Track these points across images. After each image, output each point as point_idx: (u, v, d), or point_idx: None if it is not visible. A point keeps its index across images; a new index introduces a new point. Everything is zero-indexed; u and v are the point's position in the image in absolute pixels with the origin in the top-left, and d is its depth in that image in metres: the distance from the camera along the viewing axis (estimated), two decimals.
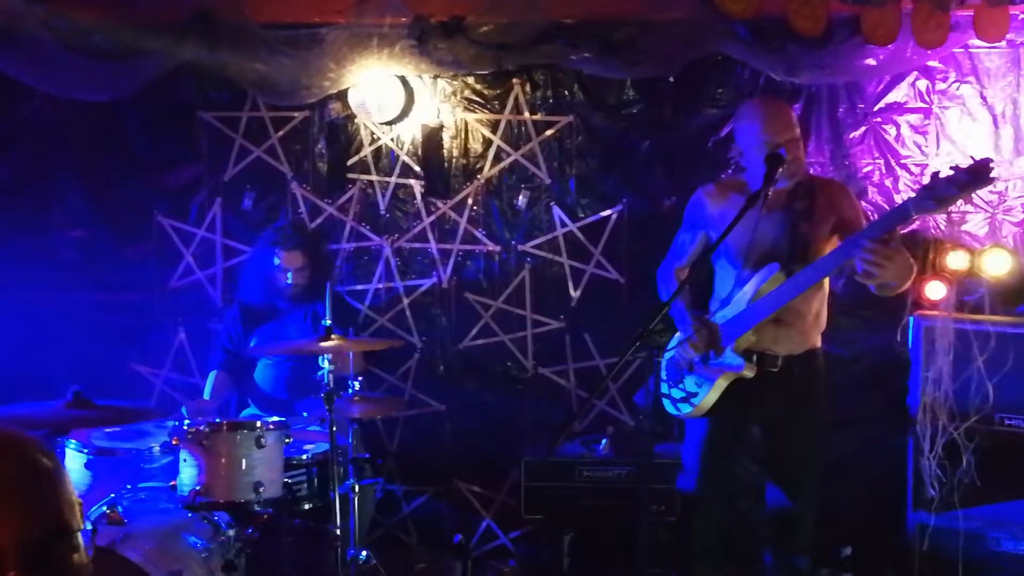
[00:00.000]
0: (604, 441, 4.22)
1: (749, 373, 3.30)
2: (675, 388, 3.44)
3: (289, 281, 4.17)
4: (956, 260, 3.98)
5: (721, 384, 3.35)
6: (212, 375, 4.32)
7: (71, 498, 1.47)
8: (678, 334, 3.46)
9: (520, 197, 4.58)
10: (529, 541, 4.51)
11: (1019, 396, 3.77)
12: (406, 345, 4.60)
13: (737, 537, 3.66)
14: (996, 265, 3.91)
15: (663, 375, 3.52)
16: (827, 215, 3.30)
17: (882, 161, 4.35)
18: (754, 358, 3.30)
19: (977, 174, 2.80)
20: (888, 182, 4.35)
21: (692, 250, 3.52)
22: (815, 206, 3.29)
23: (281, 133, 4.65)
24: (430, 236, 4.64)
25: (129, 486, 3.45)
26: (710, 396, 3.37)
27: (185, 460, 3.34)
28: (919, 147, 4.32)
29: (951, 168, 2.86)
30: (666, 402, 3.50)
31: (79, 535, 1.46)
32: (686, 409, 3.43)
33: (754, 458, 3.70)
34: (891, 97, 4.32)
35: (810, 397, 3.43)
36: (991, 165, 2.82)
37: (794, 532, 3.49)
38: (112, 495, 3.36)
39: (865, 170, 4.35)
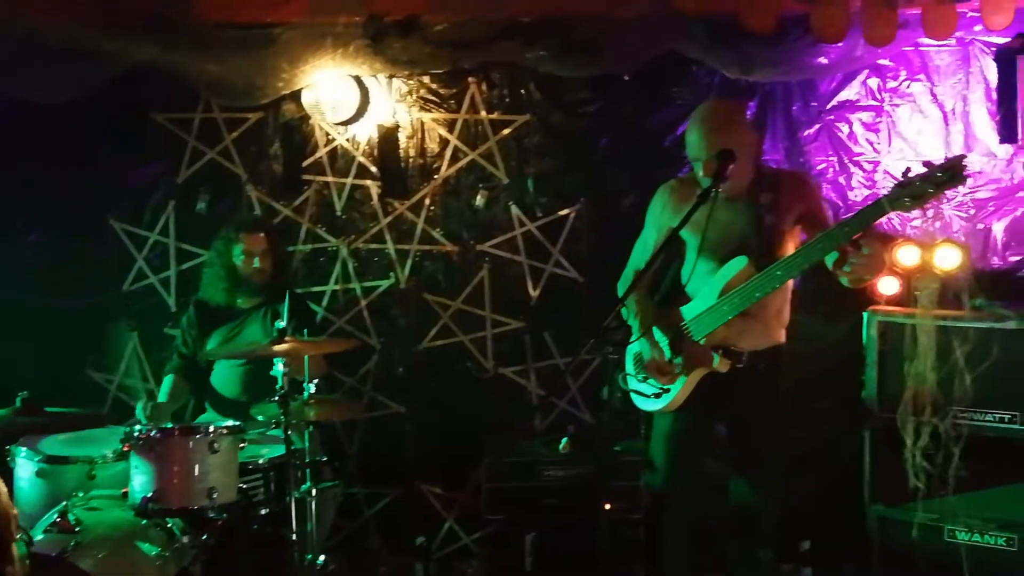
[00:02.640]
0: (565, 440, 4.22)
1: (722, 368, 3.31)
2: (645, 384, 3.44)
3: (256, 265, 4.11)
4: (907, 255, 4.02)
5: (694, 379, 3.37)
6: (167, 379, 4.27)
7: (5, 510, 1.46)
8: (636, 333, 3.46)
9: (478, 197, 4.57)
10: (491, 542, 4.48)
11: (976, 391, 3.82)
12: (365, 347, 4.57)
13: (702, 532, 3.67)
14: (946, 260, 3.96)
15: (630, 370, 3.52)
16: (792, 207, 3.32)
17: (836, 158, 4.40)
18: (721, 352, 3.31)
19: (952, 171, 2.81)
20: (842, 179, 4.39)
21: (657, 248, 3.47)
22: (780, 198, 3.30)
23: (235, 135, 4.61)
24: (387, 237, 4.61)
25: (80, 494, 3.40)
26: (683, 391, 3.39)
27: (136, 467, 3.30)
28: (871, 144, 4.37)
29: (924, 165, 2.86)
30: (636, 398, 3.52)
31: (14, 547, 1.45)
32: (659, 404, 3.44)
33: (717, 454, 3.72)
34: (844, 95, 4.37)
35: (774, 393, 3.45)
36: (964, 163, 2.82)
37: (758, 525, 3.52)
38: (63, 503, 3.30)
39: (820, 167, 4.39)
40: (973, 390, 3.76)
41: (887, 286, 4.03)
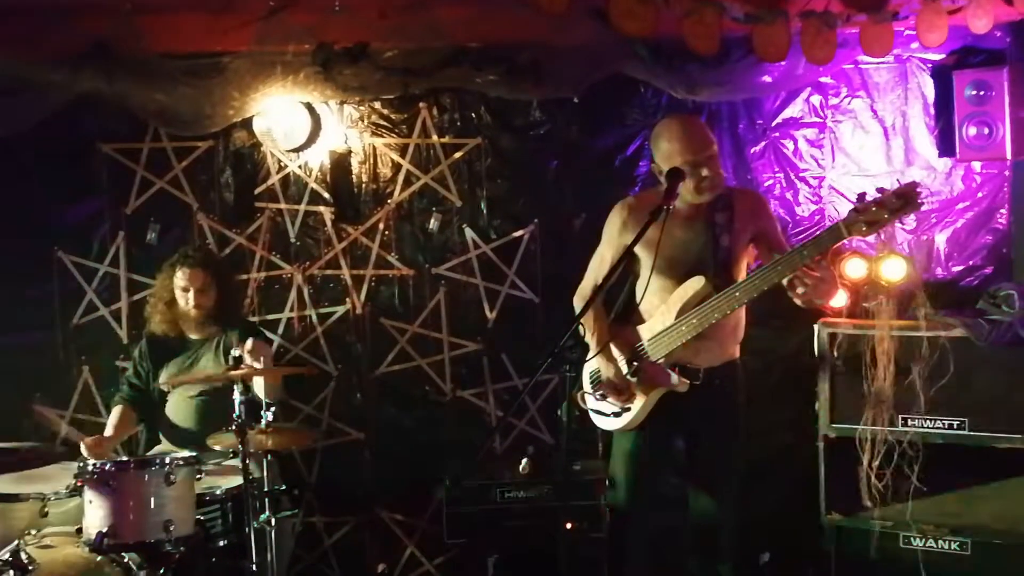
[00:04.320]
0: (524, 461, 4.22)
1: (682, 388, 3.34)
2: (604, 402, 3.45)
3: (191, 302, 4.07)
4: (855, 268, 4.11)
5: (652, 398, 3.40)
6: (116, 410, 4.20)
7: None
8: (592, 351, 3.48)
9: (432, 220, 4.59)
10: (453, 566, 4.48)
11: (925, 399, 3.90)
12: (321, 373, 4.55)
13: (664, 549, 3.69)
14: (893, 271, 4.05)
15: (588, 388, 3.53)
16: (746, 226, 3.37)
17: (782, 175, 4.49)
18: (677, 370, 3.34)
19: (906, 198, 2.88)
20: (789, 195, 4.49)
21: (613, 264, 3.45)
22: (735, 217, 3.35)
23: (185, 164, 4.58)
24: (342, 262, 4.60)
25: (33, 532, 3.33)
26: (642, 410, 3.41)
27: (91, 502, 3.25)
28: (816, 160, 4.47)
29: (878, 190, 2.93)
30: (595, 416, 3.53)
31: None
32: (618, 423, 3.45)
33: (676, 470, 3.74)
34: (788, 112, 4.47)
35: (729, 408, 3.49)
36: (919, 189, 2.90)
37: (717, 540, 3.55)
38: (15, 542, 3.22)
39: (767, 184, 4.48)
40: (923, 398, 3.85)
41: (836, 298, 4.11)
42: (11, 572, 2.99)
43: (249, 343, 3.66)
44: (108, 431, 4.13)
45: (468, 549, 4.21)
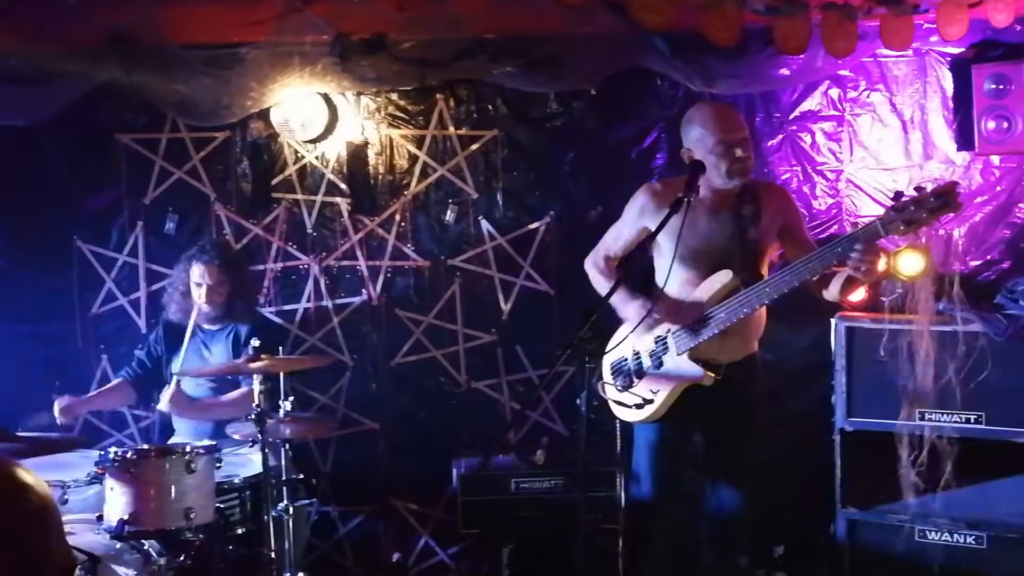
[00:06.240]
0: (539, 452, 4.24)
1: (708, 381, 3.32)
2: (626, 393, 3.45)
3: (202, 297, 4.08)
4: None
5: (676, 391, 3.38)
6: (114, 382, 4.27)
7: (62, 540, 1.40)
8: (619, 332, 3.47)
9: (448, 212, 4.60)
10: (468, 556, 4.50)
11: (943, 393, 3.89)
12: (337, 364, 4.57)
13: (681, 541, 3.70)
14: (911, 265, 4.04)
15: (609, 379, 3.53)
16: (774, 220, 3.36)
17: (799, 168, 4.47)
18: (702, 365, 3.33)
19: (945, 198, 2.85)
20: (806, 188, 4.47)
21: (628, 242, 3.48)
22: (762, 211, 3.34)
23: (203, 154, 4.59)
24: (358, 253, 4.62)
25: None
26: (665, 401, 3.39)
27: (112, 489, 3.27)
28: (834, 154, 4.46)
29: (915, 189, 2.90)
30: (616, 408, 3.52)
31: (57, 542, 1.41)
32: (641, 415, 3.44)
33: (694, 463, 3.75)
34: (805, 105, 4.45)
35: (748, 403, 3.49)
36: (958, 190, 2.87)
37: (734, 532, 3.55)
38: None
39: (784, 177, 4.46)
40: (941, 392, 3.84)
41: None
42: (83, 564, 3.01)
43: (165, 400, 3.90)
44: (89, 395, 4.17)
45: (482, 539, 4.23)
